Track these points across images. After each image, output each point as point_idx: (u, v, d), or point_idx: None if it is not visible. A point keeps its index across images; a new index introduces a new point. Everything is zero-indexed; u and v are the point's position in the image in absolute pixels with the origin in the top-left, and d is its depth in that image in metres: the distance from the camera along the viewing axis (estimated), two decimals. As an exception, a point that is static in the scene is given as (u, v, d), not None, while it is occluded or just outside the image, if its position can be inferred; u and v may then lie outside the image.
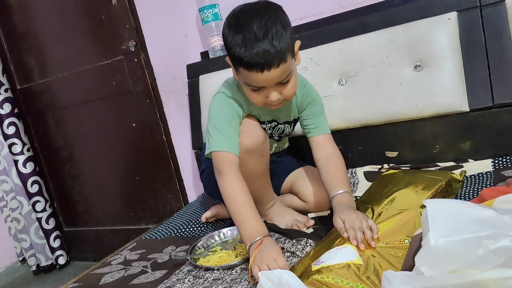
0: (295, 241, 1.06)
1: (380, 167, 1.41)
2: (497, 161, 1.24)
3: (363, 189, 1.26)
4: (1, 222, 2.50)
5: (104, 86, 2.10)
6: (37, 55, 2.27)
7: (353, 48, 1.43)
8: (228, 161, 1.07)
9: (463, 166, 1.27)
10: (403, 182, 1.10)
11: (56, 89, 2.27)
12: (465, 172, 1.21)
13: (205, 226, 1.36)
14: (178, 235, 1.37)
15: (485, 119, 1.28)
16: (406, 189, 1.05)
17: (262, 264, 0.91)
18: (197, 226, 1.38)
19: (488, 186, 1.09)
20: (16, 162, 2.32)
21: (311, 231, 1.14)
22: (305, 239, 1.06)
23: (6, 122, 2.28)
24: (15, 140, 2.30)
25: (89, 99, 2.18)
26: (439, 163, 1.32)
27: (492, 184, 1.10)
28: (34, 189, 2.35)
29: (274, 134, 1.28)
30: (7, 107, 2.28)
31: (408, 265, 0.73)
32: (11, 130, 2.29)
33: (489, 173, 1.19)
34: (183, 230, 1.39)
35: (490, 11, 1.27)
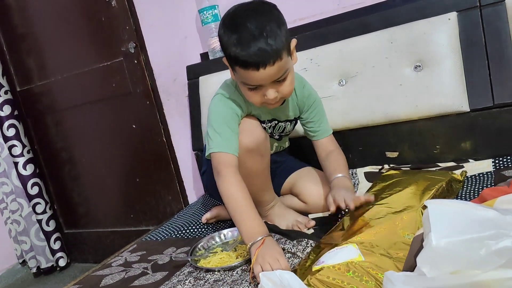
0: (295, 242, 1.05)
1: (380, 167, 1.41)
2: (497, 161, 1.24)
3: (364, 189, 1.26)
4: (1, 224, 2.49)
5: (104, 87, 2.10)
6: (37, 57, 2.27)
7: (353, 48, 1.43)
8: (226, 162, 1.08)
9: (464, 166, 1.27)
10: (403, 182, 1.10)
11: (56, 91, 2.27)
12: (466, 172, 1.21)
13: (205, 227, 1.35)
14: (178, 236, 1.37)
15: (485, 119, 1.28)
16: (406, 189, 1.05)
17: (264, 263, 0.92)
18: (198, 227, 1.38)
19: (488, 186, 1.09)
20: (16, 164, 2.32)
21: (311, 231, 1.14)
22: (306, 239, 1.06)
23: (6, 124, 2.28)
24: (15, 142, 2.30)
25: (89, 101, 2.18)
26: (439, 163, 1.32)
27: (492, 184, 1.10)
28: (34, 191, 2.35)
29: (275, 133, 1.28)
30: (7, 109, 2.28)
31: (409, 266, 0.73)
32: (11, 132, 2.29)
33: (489, 173, 1.18)
34: (184, 231, 1.39)
35: (490, 11, 1.27)
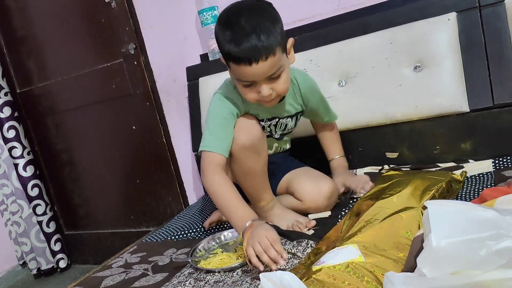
0: (295, 243, 1.05)
1: (380, 168, 1.41)
2: (497, 161, 1.24)
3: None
4: (1, 225, 2.49)
5: (104, 89, 2.11)
6: (37, 59, 2.27)
7: (353, 49, 1.44)
8: (213, 162, 1.10)
9: (464, 166, 1.27)
10: (403, 182, 1.10)
11: (56, 92, 2.27)
12: (466, 172, 1.21)
13: (205, 228, 1.35)
14: (178, 237, 1.37)
15: (485, 119, 1.28)
16: (406, 190, 1.05)
17: (254, 243, 0.94)
18: (198, 228, 1.38)
19: (489, 186, 1.09)
20: (16, 165, 2.32)
21: (312, 232, 1.14)
22: (306, 240, 1.06)
23: (6, 125, 2.27)
24: (15, 143, 2.30)
25: (89, 102, 2.18)
26: (439, 164, 1.32)
27: (493, 184, 1.10)
28: (34, 192, 2.35)
29: (276, 131, 1.28)
30: (7, 111, 2.28)
31: (409, 266, 0.73)
32: (11, 133, 2.29)
33: (489, 174, 1.18)
34: (184, 232, 1.39)
35: (489, 11, 1.27)
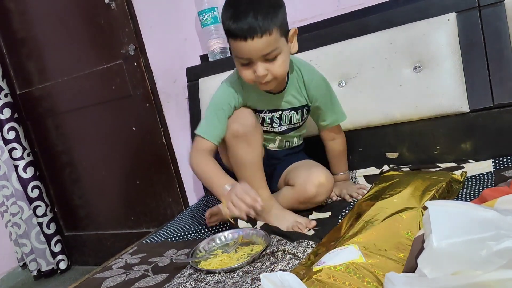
0: (296, 243, 1.05)
1: (380, 170, 1.40)
2: (497, 161, 1.24)
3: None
4: (1, 227, 2.49)
5: (104, 90, 2.11)
6: (37, 60, 2.27)
7: (353, 49, 1.44)
8: (200, 146, 1.20)
9: (464, 166, 1.27)
10: (403, 183, 1.10)
11: (56, 94, 2.27)
12: (466, 172, 1.21)
13: (206, 229, 1.35)
14: (179, 238, 1.37)
15: (485, 119, 1.28)
16: (406, 190, 1.05)
17: (234, 198, 1.03)
18: (198, 229, 1.38)
19: (489, 186, 1.09)
20: (16, 167, 2.32)
21: (312, 233, 1.14)
22: (306, 241, 1.06)
23: (6, 127, 2.28)
24: (15, 145, 2.30)
25: (89, 104, 2.18)
26: (439, 164, 1.32)
27: (493, 184, 1.10)
28: (34, 193, 2.35)
29: (281, 124, 1.29)
30: (7, 112, 2.28)
31: (410, 267, 0.73)
32: (11, 135, 2.29)
33: (490, 174, 1.18)
34: (184, 233, 1.38)
35: (489, 11, 1.27)
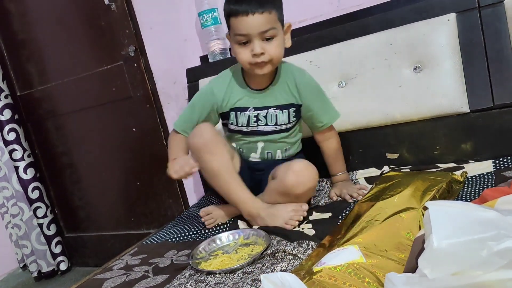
0: (296, 244, 1.05)
1: (381, 171, 1.40)
2: (498, 161, 1.24)
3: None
4: (2, 228, 2.49)
5: (104, 91, 2.11)
6: (37, 62, 2.27)
7: (353, 50, 1.44)
8: (173, 136, 1.41)
9: (464, 167, 1.26)
10: (404, 183, 1.10)
11: (56, 95, 2.27)
12: (466, 173, 1.21)
13: (206, 230, 1.35)
14: (179, 239, 1.37)
15: (485, 120, 1.28)
16: (407, 190, 1.05)
17: (175, 165, 1.29)
18: (198, 230, 1.38)
19: (489, 186, 1.09)
20: (16, 168, 2.32)
21: (312, 233, 1.14)
22: (307, 241, 1.06)
23: (6, 128, 2.28)
24: (16, 146, 2.30)
25: (89, 105, 2.18)
26: (440, 164, 1.32)
27: (493, 184, 1.10)
28: (35, 195, 2.35)
29: (268, 124, 1.30)
30: (7, 114, 2.28)
31: (411, 267, 0.73)
32: (12, 136, 2.29)
33: (490, 174, 1.18)
34: (184, 234, 1.38)
35: (489, 12, 1.27)
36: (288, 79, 1.30)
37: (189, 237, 1.36)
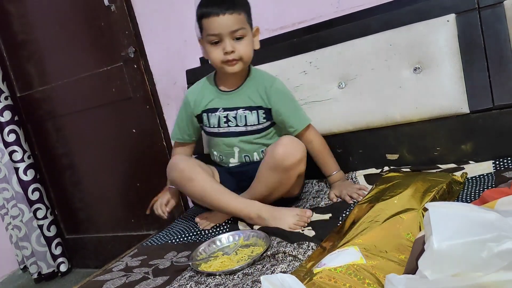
0: (296, 245, 1.05)
1: (380, 170, 1.40)
2: (498, 162, 1.24)
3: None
4: (2, 230, 2.49)
5: (104, 92, 2.11)
6: (37, 63, 2.28)
7: (352, 51, 1.44)
8: (174, 149, 1.54)
9: (464, 167, 1.26)
10: (404, 184, 1.10)
11: (56, 96, 2.27)
12: (466, 174, 1.21)
13: (206, 231, 1.35)
14: (179, 241, 1.36)
15: (485, 120, 1.28)
16: (407, 191, 1.05)
17: (156, 204, 1.46)
18: (198, 232, 1.38)
19: (489, 187, 1.09)
20: (16, 169, 2.32)
21: (313, 234, 1.13)
22: (307, 242, 1.06)
23: (6, 129, 2.28)
24: (16, 147, 2.30)
25: (89, 106, 2.18)
26: (440, 165, 1.32)
27: (493, 185, 1.10)
28: (35, 196, 2.35)
29: (238, 125, 1.34)
30: (7, 115, 2.28)
31: (411, 269, 0.73)
32: (12, 137, 2.29)
33: (490, 175, 1.18)
34: (184, 236, 1.38)
35: (488, 12, 1.27)
36: (258, 83, 1.35)
37: (189, 238, 1.36)
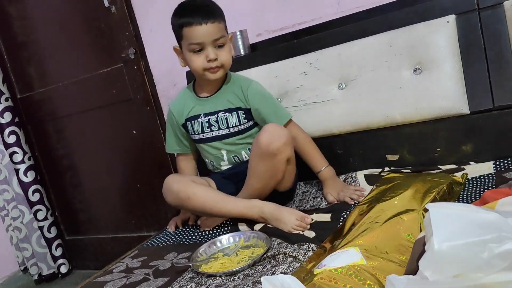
0: (297, 246, 1.05)
1: (381, 170, 1.40)
2: (498, 163, 1.24)
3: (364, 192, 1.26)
4: (2, 231, 2.49)
5: (104, 94, 2.11)
6: (37, 64, 2.28)
7: (352, 52, 1.44)
8: (177, 165, 1.58)
9: (465, 168, 1.26)
10: (404, 185, 1.10)
11: (56, 98, 2.27)
12: (467, 174, 1.21)
13: (206, 233, 1.35)
14: (179, 242, 1.36)
15: (485, 121, 1.28)
16: (407, 192, 1.04)
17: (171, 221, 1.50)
18: (199, 232, 1.38)
19: (490, 188, 1.09)
20: (17, 171, 2.32)
21: (313, 235, 1.13)
22: (307, 243, 1.06)
23: (6, 131, 2.28)
24: (16, 149, 2.30)
25: (89, 108, 2.19)
26: (440, 166, 1.32)
27: (494, 186, 1.10)
28: (35, 197, 2.35)
29: (220, 128, 1.37)
30: (8, 116, 2.28)
31: (411, 269, 0.73)
32: (12, 139, 2.29)
33: (490, 175, 1.18)
34: (185, 237, 1.38)
35: (488, 13, 1.27)
36: (235, 86, 1.39)
37: (190, 239, 1.36)
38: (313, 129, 1.49)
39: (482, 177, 1.19)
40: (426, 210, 0.81)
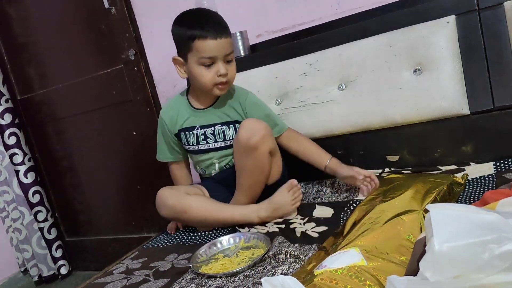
0: (298, 245, 1.05)
1: (381, 171, 1.40)
2: (499, 163, 1.24)
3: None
4: (2, 232, 2.49)
5: (104, 95, 2.11)
6: (37, 66, 2.28)
7: (353, 53, 1.44)
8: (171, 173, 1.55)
9: (465, 169, 1.26)
10: (404, 185, 1.10)
11: (56, 99, 2.27)
12: (467, 175, 1.21)
13: (206, 234, 1.35)
14: (180, 243, 1.36)
15: (486, 122, 1.28)
16: (407, 193, 1.04)
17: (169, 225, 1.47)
18: (199, 233, 1.38)
19: (490, 189, 1.09)
20: (17, 172, 2.32)
21: (315, 235, 1.13)
22: (309, 243, 1.06)
23: (7, 132, 2.28)
24: (16, 150, 2.30)
25: (89, 109, 2.19)
26: (440, 167, 1.32)
27: (494, 187, 1.10)
28: (35, 199, 2.35)
29: (217, 140, 1.36)
30: (8, 118, 2.28)
31: (412, 270, 0.72)
32: (12, 140, 2.29)
33: (491, 176, 1.18)
34: (185, 238, 1.38)
35: (488, 14, 1.27)
36: (232, 99, 1.38)
37: (190, 240, 1.36)
38: (313, 129, 1.49)
39: (482, 178, 1.19)
40: (426, 210, 0.81)
